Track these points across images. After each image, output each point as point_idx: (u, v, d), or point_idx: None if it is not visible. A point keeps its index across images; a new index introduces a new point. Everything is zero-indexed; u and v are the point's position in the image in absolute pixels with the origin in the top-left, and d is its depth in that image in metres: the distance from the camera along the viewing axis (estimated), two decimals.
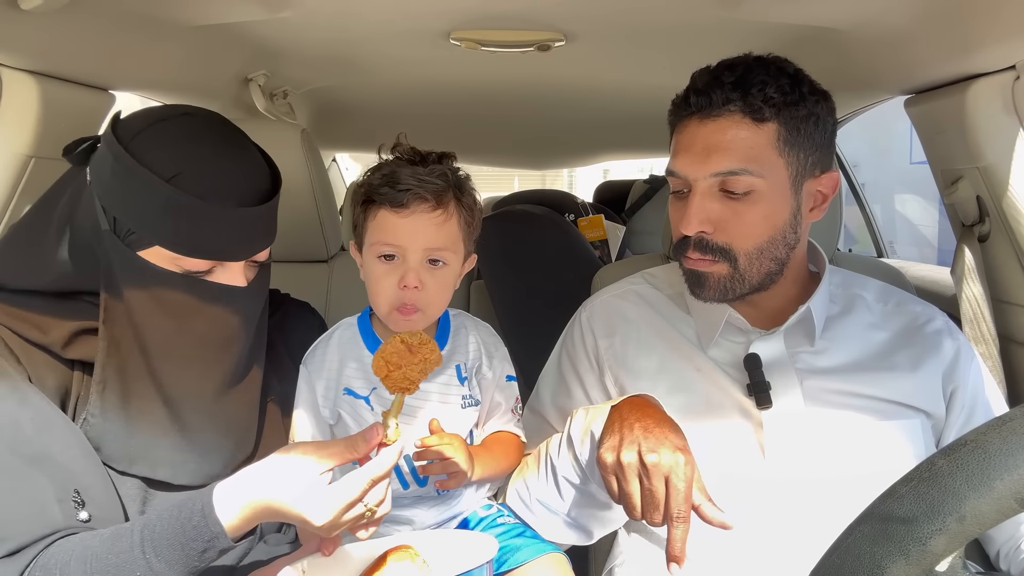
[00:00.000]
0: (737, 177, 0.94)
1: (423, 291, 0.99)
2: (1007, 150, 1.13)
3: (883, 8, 1.07)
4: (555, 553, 1.00)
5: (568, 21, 1.25)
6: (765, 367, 0.99)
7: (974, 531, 0.45)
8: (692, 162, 0.96)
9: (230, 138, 0.93)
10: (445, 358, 1.06)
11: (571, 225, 2.17)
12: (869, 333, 1.05)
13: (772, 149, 0.95)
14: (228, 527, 0.76)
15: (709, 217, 0.96)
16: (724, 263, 0.98)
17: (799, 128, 0.95)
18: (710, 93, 0.95)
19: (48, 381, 0.87)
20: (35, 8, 0.86)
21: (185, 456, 0.91)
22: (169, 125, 0.88)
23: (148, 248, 0.87)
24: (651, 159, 4.78)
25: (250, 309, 0.96)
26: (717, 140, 0.94)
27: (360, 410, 1.02)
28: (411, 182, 0.98)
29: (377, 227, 0.99)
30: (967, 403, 1.03)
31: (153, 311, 0.88)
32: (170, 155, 0.85)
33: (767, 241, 0.97)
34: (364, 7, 1.19)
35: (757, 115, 0.93)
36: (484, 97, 1.97)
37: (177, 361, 0.90)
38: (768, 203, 0.96)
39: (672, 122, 1.03)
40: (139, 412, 0.89)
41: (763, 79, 0.94)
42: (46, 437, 0.83)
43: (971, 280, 1.23)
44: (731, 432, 0.99)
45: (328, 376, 1.04)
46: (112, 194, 0.86)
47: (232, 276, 0.92)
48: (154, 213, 0.85)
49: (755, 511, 0.96)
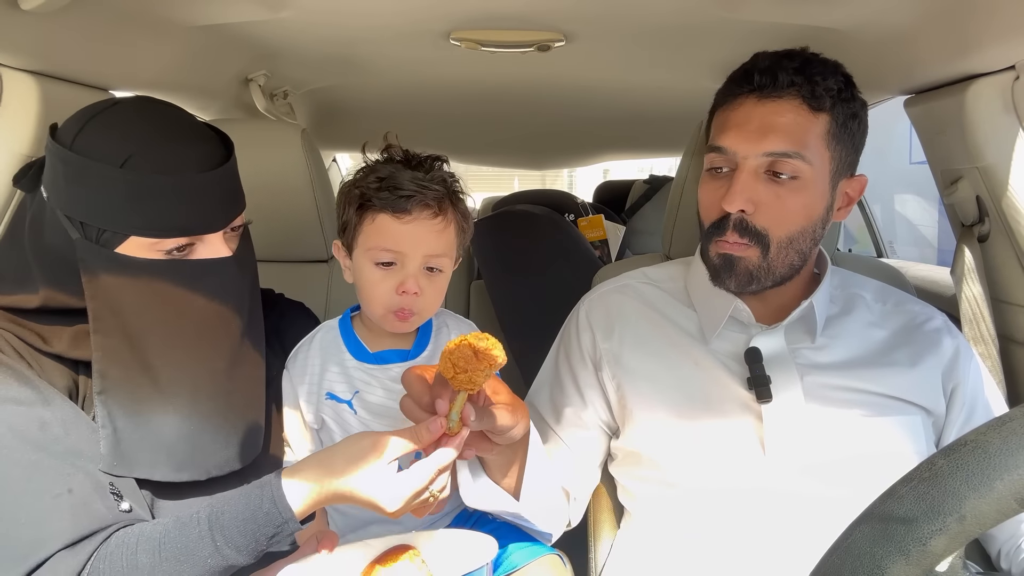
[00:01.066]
0: (788, 160, 0.95)
1: (420, 296, 0.99)
2: (1007, 150, 1.14)
3: (883, 8, 1.07)
4: (552, 555, 1.00)
5: (568, 21, 1.25)
6: (765, 361, 0.99)
7: (974, 531, 0.45)
8: (745, 139, 0.96)
9: (169, 114, 0.92)
10: (426, 359, 1.06)
11: (571, 225, 2.17)
12: (869, 331, 1.06)
13: (822, 140, 0.96)
14: (298, 512, 0.80)
15: (753, 197, 0.96)
16: (757, 248, 0.98)
17: (846, 125, 0.98)
18: (776, 73, 0.96)
19: (58, 385, 0.87)
20: (35, 8, 0.86)
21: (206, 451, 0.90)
22: (105, 116, 0.87)
23: (124, 242, 0.85)
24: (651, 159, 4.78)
25: (242, 277, 0.95)
26: (774, 120, 0.95)
27: (343, 414, 1.02)
28: (413, 187, 0.97)
29: (376, 232, 0.98)
30: (967, 401, 1.03)
31: (145, 304, 0.87)
32: (116, 142, 0.84)
33: (799, 231, 0.98)
34: (364, 7, 1.19)
35: (815, 103, 0.95)
36: (484, 97, 1.97)
37: (180, 349, 0.89)
38: (809, 192, 0.97)
39: (721, 99, 1.03)
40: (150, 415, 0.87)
41: (823, 71, 0.96)
42: (74, 435, 0.83)
43: (971, 280, 1.23)
44: (730, 426, 0.99)
45: (310, 381, 1.03)
46: (71, 200, 0.85)
47: (215, 249, 0.90)
48: (118, 203, 0.84)
49: (754, 505, 0.96)
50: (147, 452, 0.87)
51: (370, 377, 1.03)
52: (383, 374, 1.03)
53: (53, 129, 0.88)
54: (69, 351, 0.88)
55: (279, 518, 0.79)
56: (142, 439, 0.86)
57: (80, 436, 0.83)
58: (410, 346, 1.07)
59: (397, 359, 1.05)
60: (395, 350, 1.06)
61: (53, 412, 0.82)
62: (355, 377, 1.03)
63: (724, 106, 1.02)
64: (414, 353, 1.06)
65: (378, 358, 1.04)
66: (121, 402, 0.87)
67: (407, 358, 1.06)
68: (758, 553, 0.95)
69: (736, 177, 0.96)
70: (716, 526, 0.97)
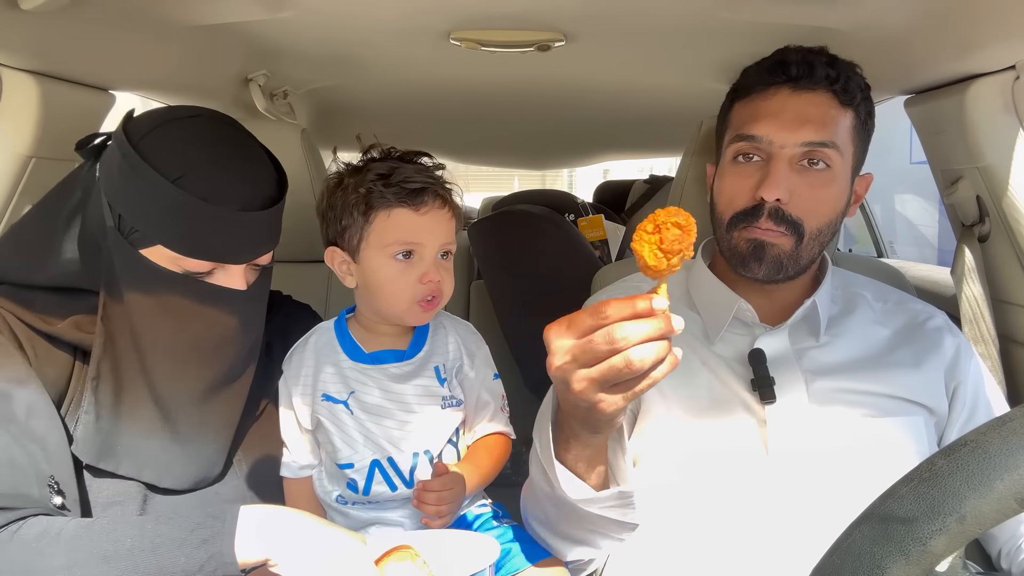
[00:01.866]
0: (825, 150, 0.96)
1: (441, 283, 1.02)
2: (1007, 150, 1.14)
3: (883, 9, 1.07)
4: (553, 558, 0.99)
5: (568, 21, 1.25)
6: (769, 362, 0.99)
7: (974, 531, 0.45)
8: (781, 128, 0.97)
9: (237, 141, 0.93)
10: (423, 360, 1.06)
11: (571, 225, 2.16)
12: (871, 330, 1.06)
13: (848, 134, 0.98)
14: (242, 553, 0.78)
15: (790, 186, 0.96)
16: (792, 237, 0.98)
17: (866, 123, 1.01)
18: (813, 65, 0.97)
19: (48, 373, 0.88)
20: (35, 8, 0.86)
21: (171, 458, 0.91)
22: (177, 126, 0.89)
23: (150, 247, 0.87)
24: (651, 159, 4.78)
25: (248, 313, 0.96)
26: (810, 112, 0.96)
27: (339, 415, 1.02)
28: (424, 179, 1.00)
29: (394, 227, 0.99)
30: (969, 400, 1.03)
31: (151, 310, 0.89)
32: (176, 156, 0.86)
33: (827, 223, 0.99)
34: (364, 7, 1.19)
35: (846, 98, 0.97)
36: (484, 97, 1.96)
37: (171, 361, 0.91)
38: (838, 184, 0.98)
39: (746, 88, 1.03)
40: (130, 411, 0.89)
41: (849, 69, 0.99)
42: (33, 422, 0.83)
43: (971, 280, 1.23)
44: (734, 427, 0.99)
45: (304, 383, 1.03)
46: (118, 191, 0.87)
47: (232, 279, 0.92)
48: (157, 212, 0.85)
49: (757, 506, 0.96)
50: (117, 444, 0.88)
51: (366, 377, 1.03)
52: (379, 374, 1.03)
53: (127, 117, 0.90)
54: (69, 332, 0.89)
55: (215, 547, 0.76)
56: (117, 431, 0.88)
57: (39, 425, 0.84)
58: (406, 346, 1.07)
59: (393, 359, 1.05)
60: (391, 350, 1.06)
61: (21, 393, 0.83)
62: (350, 377, 1.03)
63: (752, 95, 1.01)
64: (410, 353, 1.06)
65: (373, 358, 1.04)
66: (108, 390, 0.88)
67: (403, 358, 1.05)
68: (760, 554, 0.95)
69: (774, 166, 0.96)
70: (718, 527, 0.97)
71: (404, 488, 1.01)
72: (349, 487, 1.02)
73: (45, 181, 1.16)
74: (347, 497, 1.04)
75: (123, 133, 0.87)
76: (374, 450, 1.01)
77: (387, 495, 1.02)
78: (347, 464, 1.02)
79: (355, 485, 1.02)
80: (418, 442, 1.02)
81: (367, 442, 1.01)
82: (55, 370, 0.89)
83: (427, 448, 1.03)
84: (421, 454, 1.02)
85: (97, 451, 0.88)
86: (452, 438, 1.06)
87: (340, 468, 1.02)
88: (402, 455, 1.01)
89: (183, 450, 0.92)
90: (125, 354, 0.89)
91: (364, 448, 1.01)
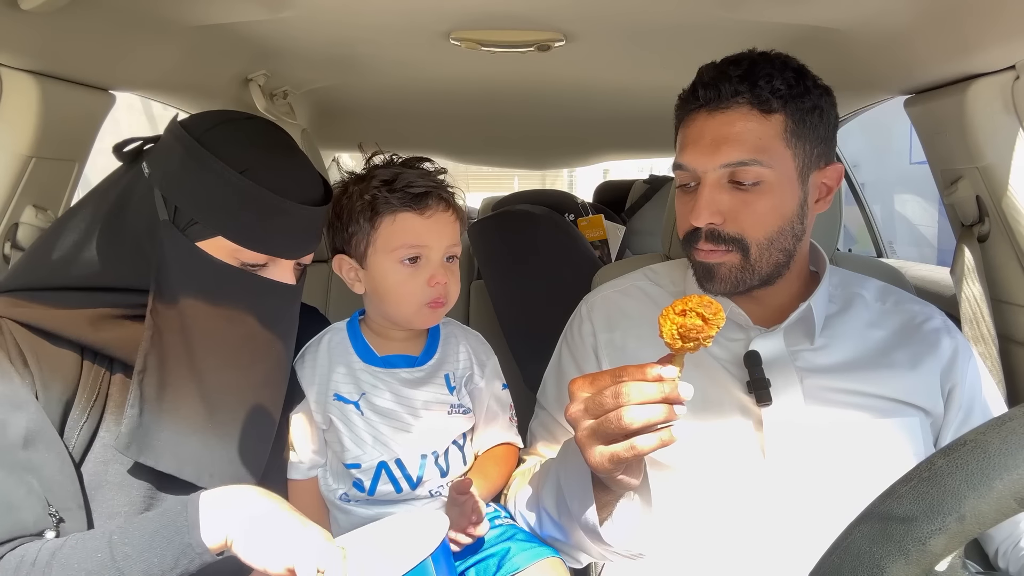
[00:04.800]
0: (747, 168, 0.95)
1: (448, 284, 1.03)
2: (1007, 150, 1.14)
3: (883, 8, 1.07)
4: (553, 557, 0.99)
5: (568, 21, 1.25)
6: (765, 364, 0.99)
7: (974, 531, 0.45)
8: (701, 154, 0.97)
9: (290, 144, 0.97)
10: (434, 367, 1.07)
11: (571, 225, 2.16)
12: (868, 331, 1.06)
13: (780, 140, 0.96)
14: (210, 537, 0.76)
15: (719, 208, 0.97)
16: (736, 253, 0.98)
17: (805, 120, 0.97)
18: (719, 86, 0.96)
19: (55, 389, 0.86)
20: (35, 8, 0.86)
21: (213, 456, 0.90)
22: (236, 125, 0.92)
23: (209, 239, 0.88)
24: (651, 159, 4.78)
25: (295, 308, 0.98)
26: (726, 132, 0.95)
27: (350, 415, 1.03)
28: (427, 183, 1.01)
29: (401, 231, 1.01)
30: (965, 402, 1.03)
31: (206, 303, 0.89)
32: (241, 150, 0.89)
33: (777, 231, 0.98)
34: (364, 7, 1.19)
35: (765, 106, 0.95)
36: (484, 97, 1.97)
37: (221, 356, 0.91)
38: (777, 193, 0.97)
39: (679, 117, 1.04)
40: (173, 405, 0.89)
41: (769, 72, 0.95)
42: (31, 451, 0.82)
43: (971, 280, 1.23)
44: (730, 429, 0.99)
45: (319, 382, 1.04)
46: (179, 185, 0.88)
47: (283, 274, 0.93)
48: (224, 203, 0.87)
49: (754, 509, 0.96)
50: (158, 440, 0.88)
51: (377, 380, 1.04)
52: (391, 378, 1.04)
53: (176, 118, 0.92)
54: (87, 333, 0.88)
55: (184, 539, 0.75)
56: (159, 426, 0.88)
57: (37, 452, 0.82)
58: (417, 352, 1.08)
59: (405, 364, 1.06)
60: (403, 355, 1.07)
61: (19, 419, 0.82)
62: (362, 379, 1.04)
63: (683, 122, 1.03)
64: (422, 360, 1.08)
65: (386, 362, 1.06)
66: (153, 384, 0.88)
67: (415, 364, 1.07)
68: (757, 555, 0.95)
69: (700, 192, 0.97)
70: (716, 529, 0.97)
71: (409, 489, 1.02)
72: (355, 486, 1.03)
73: (45, 181, 1.16)
74: (351, 496, 1.05)
75: (182, 129, 0.89)
76: (382, 451, 1.02)
77: (392, 495, 1.03)
78: (354, 464, 1.02)
79: (361, 485, 1.02)
80: (425, 445, 1.03)
81: (376, 443, 1.02)
82: (62, 382, 0.87)
83: (434, 450, 1.04)
84: (429, 455, 1.03)
85: (138, 446, 0.87)
86: (458, 441, 1.07)
87: (347, 468, 1.03)
88: (410, 457, 1.02)
89: (225, 449, 0.91)
90: (173, 348, 0.89)
91: (372, 449, 1.02)
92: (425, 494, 1.04)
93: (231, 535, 0.75)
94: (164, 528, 0.76)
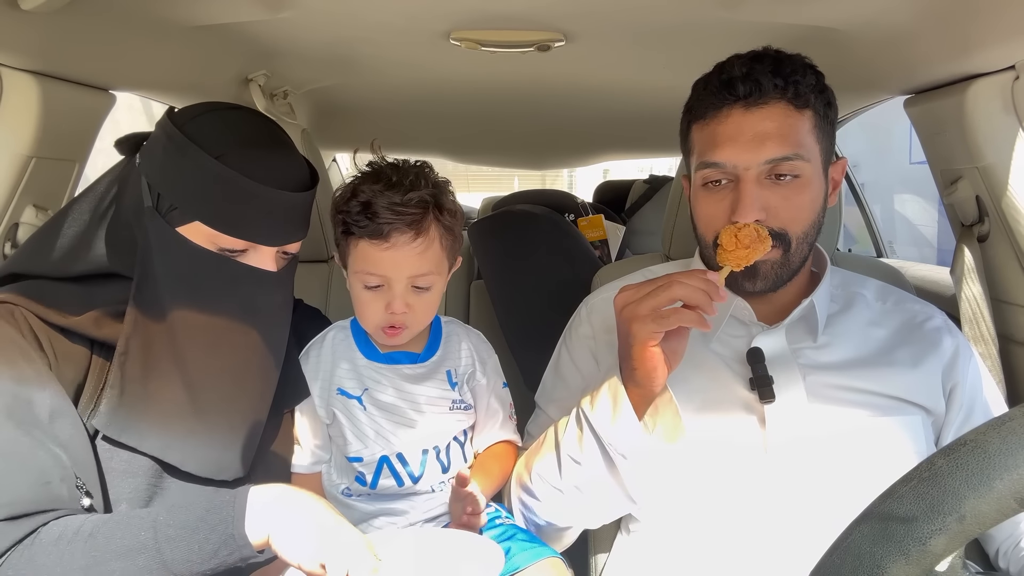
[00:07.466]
0: (790, 163, 0.95)
1: (410, 312, 1.01)
2: (1007, 150, 1.14)
3: (883, 8, 1.07)
4: (553, 558, 1.00)
5: (568, 21, 1.25)
6: (767, 361, 0.99)
7: (974, 531, 0.45)
8: (742, 151, 0.95)
9: (273, 130, 0.97)
10: (436, 364, 1.08)
11: (571, 225, 2.16)
12: (869, 330, 1.06)
13: (811, 135, 0.97)
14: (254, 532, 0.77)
15: (763, 204, 0.95)
16: (779, 248, 0.97)
17: (826, 115, 0.99)
18: (759, 80, 0.95)
19: (67, 372, 0.88)
20: (35, 8, 0.86)
21: (198, 442, 0.91)
22: (221, 114, 0.94)
23: (188, 224, 0.89)
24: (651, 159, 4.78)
25: (277, 296, 0.98)
26: (767, 128, 0.95)
27: (353, 410, 1.04)
28: (389, 216, 0.97)
29: (360, 258, 1.00)
30: (966, 401, 1.03)
31: (185, 287, 0.90)
32: (219, 136, 0.90)
33: (811, 224, 0.99)
34: (364, 7, 1.19)
35: (799, 102, 0.96)
36: (484, 97, 1.96)
37: (201, 341, 0.91)
38: (812, 187, 0.98)
39: (699, 113, 1.01)
40: (157, 388, 0.89)
41: (797, 69, 0.96)
42: (57, 426, 0.83)
43: (971, 280, 1.23)
44: (733, 426, 0.99)
45: (323, 377, 1.06)
46: (161, 171, 0.90)
47: (263, 260, 0.94)
48: (198, 188, 0.88)
49: (756, 504, 0.96)
50: (143, 422, 0.88)
51: (380, 376, 1.06)
52: (393, 374, 1.06)
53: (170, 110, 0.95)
54: (88, 327, 0.89)
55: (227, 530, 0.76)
56: (143, 408, 0.88)
57: (63, 427, 0.84)
58: (420, 349, 1.09)
59: (407, 360, 1.08)
60: (405, 352, 1.08)
61: (44, 397, 0.83)
62: (365, 375, 1.05)
63: (708, 119, 0.99)
64: (424, 356, 1.09)
65: (388, 358, 1.07)
66: (136, 366, 0.89)
67: (417, 360, 1.08)
68: (758, 553, 0.95)
69: (742, 189, 0.95)
70: (717, 526, 0.97)
71: (411, 483, 1.04)
72: (357, 480, 1.04)
73: (45, 181, 1.16)
74: (353, 490, 1.06)
75: (168, 120, 0.91)
76: (384, 446, 1.03)
77: (393, 489, 1.04)
78: (356, 458, 1.04)
79: (363, 478, 1.04)
80: (427, 441, 1.05)
81: (378, 438, 1.03)
82: (74, 367, 0.89)
83: (435, 445, 1.06)
84: (430, 450, 1.05)
85: (120, 425, 0.88)
86: (459, 437, 1.09)
87: (349, 461, 1.04)
88: (411, 452, 1.03)
89: (210, 435, 0.92)
90: (155, 332, 0.90)
91: (374, 443, 1.03)
92: (427, 489, 1.04)
93: (272, 531, 0.77)
94: (210, 515, 0.77)
